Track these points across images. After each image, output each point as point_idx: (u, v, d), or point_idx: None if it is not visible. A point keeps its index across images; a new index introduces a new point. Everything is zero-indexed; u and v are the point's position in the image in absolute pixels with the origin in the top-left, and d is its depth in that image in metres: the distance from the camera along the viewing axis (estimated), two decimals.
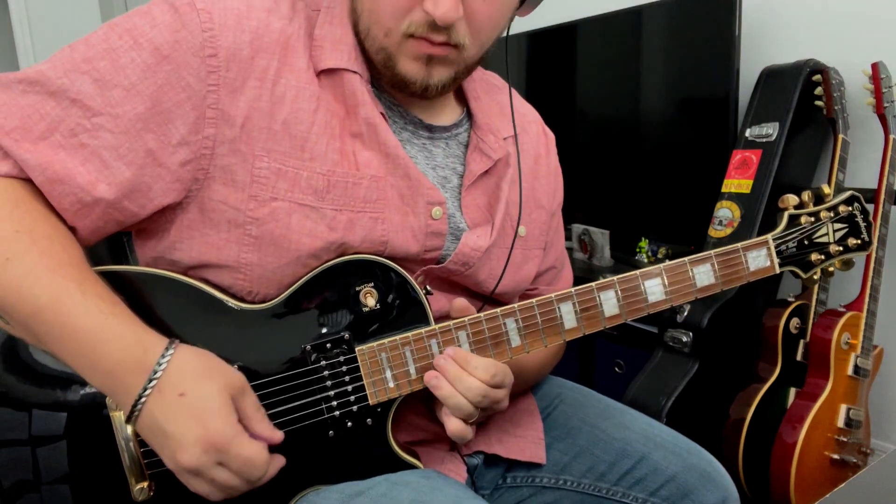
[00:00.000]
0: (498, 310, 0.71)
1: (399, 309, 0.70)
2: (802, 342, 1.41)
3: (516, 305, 0.72)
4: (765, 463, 1.36)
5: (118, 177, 0.64)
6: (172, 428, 0.58)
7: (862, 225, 0.82)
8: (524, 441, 0.85)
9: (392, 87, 0.74)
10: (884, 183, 1.40)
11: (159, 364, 0.59)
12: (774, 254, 0.78)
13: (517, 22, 0.83)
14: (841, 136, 1.44)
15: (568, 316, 0.72)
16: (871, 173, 1.51)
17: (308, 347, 0.68)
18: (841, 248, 0.80)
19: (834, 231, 0.80)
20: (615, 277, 0.73)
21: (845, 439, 1.37)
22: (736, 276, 0.76)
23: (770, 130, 1.51)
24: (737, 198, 1.50)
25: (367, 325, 0.70)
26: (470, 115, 0.82)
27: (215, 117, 0.65)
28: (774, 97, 1.53)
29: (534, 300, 0.72)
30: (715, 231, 1.52)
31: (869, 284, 1.40)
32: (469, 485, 0.81)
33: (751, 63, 1.63)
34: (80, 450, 0.65)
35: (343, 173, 0.69)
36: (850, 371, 1.37)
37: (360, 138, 0.71)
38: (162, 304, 0.66)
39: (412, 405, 0.75)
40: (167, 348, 0.60)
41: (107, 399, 0.64)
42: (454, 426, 0.69)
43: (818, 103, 1.49)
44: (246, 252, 0.67)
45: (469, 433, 0.70)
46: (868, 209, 0.83)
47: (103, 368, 0.59)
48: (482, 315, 0.71)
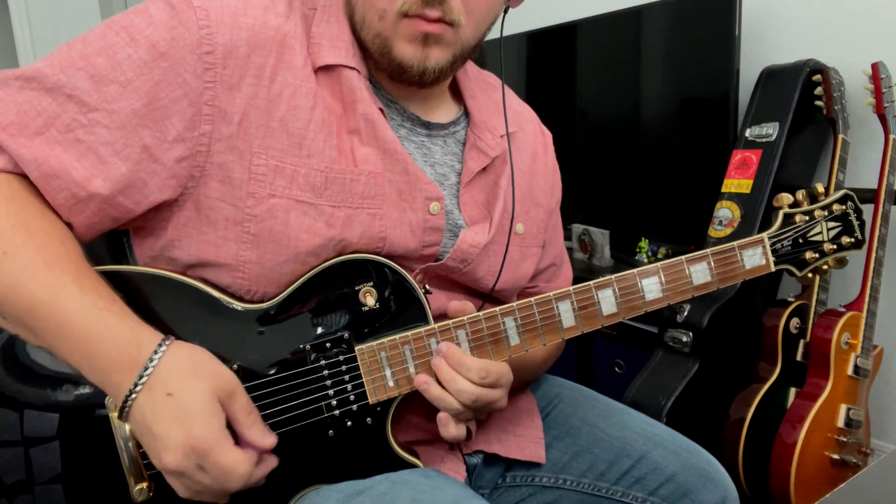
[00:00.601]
0: (497, 309, 0.71)
1: (398, 308, 0.70)
2: (802, 342, 1.41)
3: (515, 304, 0.72)
4: (765, 463, 1.36)
5: (113, 172, 0.64)
6: (158, 428, 0.58)
7: (855, 223, 0.83)
8: (524, 440, 0.85)
9: (390, 77, 0.74)
10: (884, 183, 1.40)
11: (150, 361, 0.59)
12: (770, 252, 0.78)
13: (517, 22, 0.84)
14: (841, 136, 1.44)
15: (566, 314, 0.72)
16: (871, 173, 1.51)
17: (307, 347, 0.68)
18: (835, 247, 0.81)
19: (828, 229, 0.81)
20: (613, 276, 0.73)
21: (845, 439, 1.37)
22: (732, 275, 0.77)
23: (770, 130, 1.51)
24: (737, 198, 1.50)
25: (367, 325, 0.70)
26: (467, 114, 0.83)
27: (212, 114, 0.65)
28: (774, 97, 1.53)
29: (532, 299, 0.72)
30: (715, 231, 1.52)
31: (869, 284, 1.40)
32: (468, 484, 0.81)
33: (751, 63, 1.63)
34: (74, 450, 0.65)
35: (341, 170, 0.69)
36: (850, 371, 1.37)
37: (358, 134, 0.71)
38: (161, 304, 0.66)
39: (412, 405, 0.75)
40: (160, 345, 0.60)
41: (107, 398, 0.64)
42: (450, 432, 0.69)
43: (818, 103, 1.49)
44: (244, 250, 0.67)
45: (462, 433, 0.70)
46: (861, 208, 0.84)
47: (99, 365, 0.59)
48: (481, 314, 0.71)
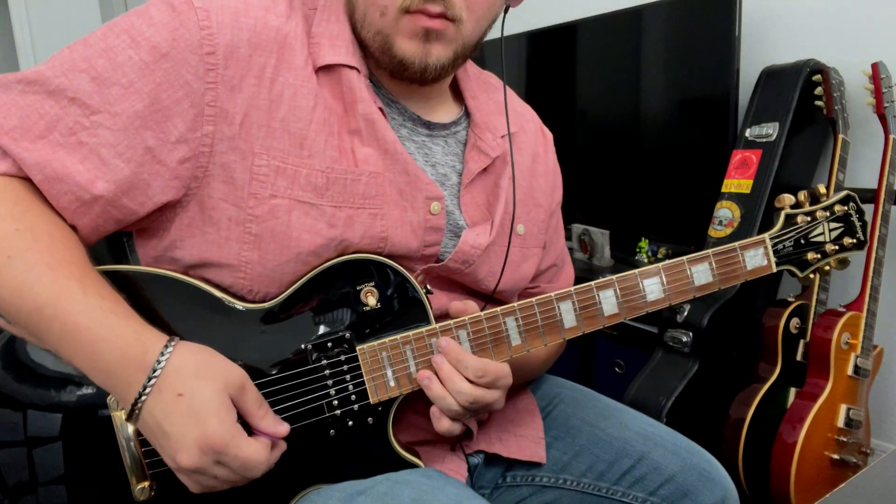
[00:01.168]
0: (498, 309, 0.71)
1: (400, 308, 0.71)
2: (802, 342, 1.41)
3: (516, 304, 0.72)
4: (765, 463, 1.36)
5: (117, 174, 0.64)
6: (171, 428, 0.58)
7: (857, 224, 0.83)
8: (524, 440, 0.85)
9: (391, 75, 0.74)
10: (884, 183, 1.40)
11: (158, 363, 0.59)
12: (771, 253, 0.78)
13: (517, 22, 0.84)
14: (841, 136, 1.44)
15: (567, 315, 0.73)
16: (871, 173, 1.51)
17: (309, 346, 0.68)
18: (837, 248, 0.81)
19: (830, 230, 0.81)
20: (614, 276, 0.73)
21: (845, 439, 1.37)
22: (734, 275, 0.77)
23: (770, 130, 1.51)
24: (737, 198, 1.50)
25: (368, 324, 0.70)
26: (468, 114, 0.83)
27: (214, 115, 0.65)
28: (774, 97, 1.53)
29: (533, 299, 0.72)
30: (715, 231, 1.52)
31: (869, 284, 1.40)
32: (469, 484, 0.81)
33: (751, 63, 1.63)
34: (77, 450, 0.65)
35: (342, 170, 0.69)
36: (850, 371, 1.37)
37: (359, 134, 0.71)
38: (163, 304, 0.66)
39: (413, 405, 0.75)
40: (166, 346, 0.60)
41: (108, 398, 0.64)
42: (442, 426, 0.70)
43: (818, 103, 1.49)
44: (246, 250, 0.67)
45: (456, 429, 0.70)
46: (863, 208, 0.84)
47: (104, 366, 0.59)
48: (482, 314, 0.71)
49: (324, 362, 0.68)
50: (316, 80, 0.70)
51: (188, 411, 0.58)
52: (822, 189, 0.82)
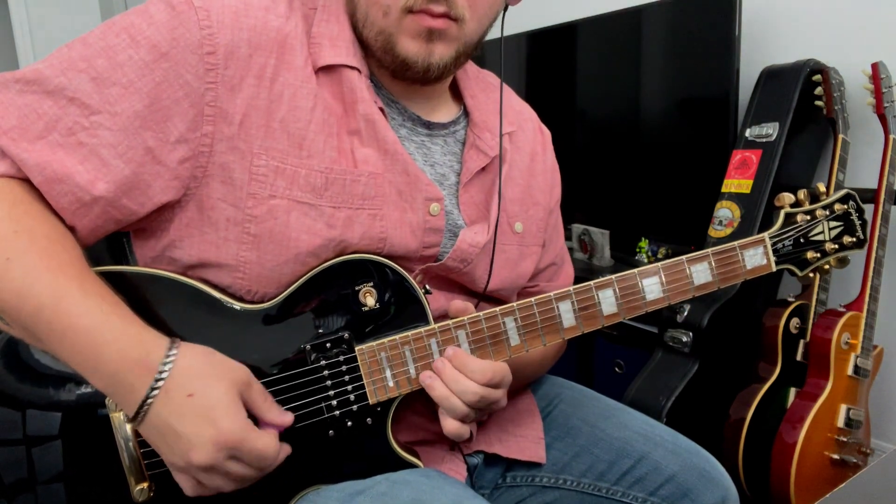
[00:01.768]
0: (497, 309, 0.71)
1: (398, 308, 0.70)
2: (802, 342, 1.41)
3: (515, 304, 0.72)
4: (765, 463, 1.36)
5: (117, 175, 0.64)
6: (184, 428, 0.58)
7: (857, 223, 0.82)
8: (524, 441, 0.85)
9: (392, 75, 0.74)
10: (884, 183, 1.40)
11: (164, 365, 0.59)
12: (771, 252, 0.78)
13: (517, 22, 0.84)
14: (841, 136, 1.44)
15: (566, 315, 0.72)
16: (871, 173, 1.51)
17: (307, 347, 0.68)
18: (836, 246, 0.81)
19: (829, 229, 0.81)
20: (613, 276, 0.73)
21: (845, 439, 1.37)
22: (733, 275, 0.77)
23: (770, 130, 1.51)
24: (737, 198, 1.50)
25: (367, 325, 0.70)
26: (467, 113, 0.83)
27: (213, 115, 0.65)
28: (774, 97, 1.53)
29: (532, 299, 0.72)
30: (715, 231, 1.52)
31: (869, 284, 1.40)
32: (469, 484, 0.81)
33: (751, 63, 1.63)
34: (76, 450, 0.65)
35: (341, 171, 0.69)
36: (850, 371, 1.37)
37: (359, 135, 0.71)
38: (161, 305, 0.66)
39: (412, 405, 0.75)
40: (170, 348, 0.60)
41: (106, 399, 0.64)
42: (451, 426, 0.69)
43: (818, 103, 1.49)
44: (245, 250, 0.67)
45: (466, 432, 0.70)
46: (863, 207, 0.84)
47: (105, 369, 0.59)
48: (481, 314, 0.71)
49: (322, 363, 0.68)
50: (315, 81, 0.70)
51: (200, 411, 0.58)
52: (822, 188, 0.82)
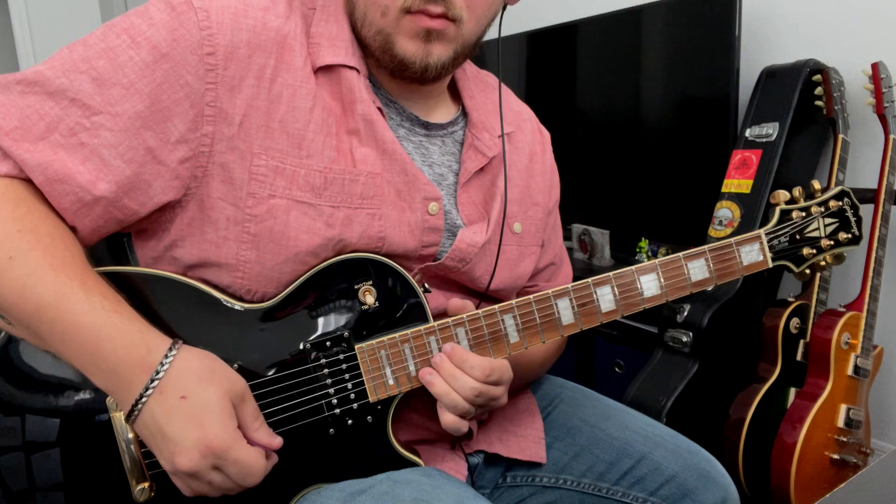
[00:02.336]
0: (496, 307, 0.71)
1: (398, 307, 0.71)
2: (802, 342, 1.41)
3: (514, 302, 0.72)
4: (765, 463, 1.36)
5: (118, 175, 0.64)
6: (172, 430, 0.58)
7: (852, 219, 0.83)
8: (525, 440, 0.85)
9: (391, 75, 0.74)
10: (884, 183, 1.40)
11: (162, 364, 0.59)
12: (767, 248, 0.79)
13: (517, 22, 0.84)
14: (841, 136, 1.44)
15: (565, 312, 0.73)
16: (871, 173, 1.51)
17: (308, 346, 0.68)
18: (832, 243, 0.82)
19: (825, 226, 0.82)
20: (611, 273, 0.73)
21: (845, 439, 1.37)
22: (730, 271, 0.77)
23: (770, 130, 1.51)
24: (737, 198, 1.50)
25: (367, 323, 0.70)
26: (465, 114, 0.83)
27: (213, 115, 0.65)
28: (774, 97, 1.53)
29: (531, 297, 0.72)
30: (715, 231, 1.52)
31: (869, 284, 1.40)
32: (469, 483, 0.81)
33: (751, 63, 1.63)
34: (75, 455, 0.65)
35: (340, 170, 0.69)
36: (850, 371, 1.37)
37: (357, 135, 0.71)
38: (162, 305, 0.66)
39: (413, 404, 0.75)
40: (171, 348, 0.60)
41: (108, 400, 0.64)
42: (449, 419, 0.69)
43: (818, 103, 1.49)
44: (244, 250, 0.67)
45: (463, 426, 0.70)
46: (858, 204, 0.84)
47: (106, 366, 0.59)
48: (480, 312, 0.71)
49: (323, 361, 0.68)
50: (315, 81, 0.70)
51: (191, 413, 0.58)
52: (817, 185, 0.83)
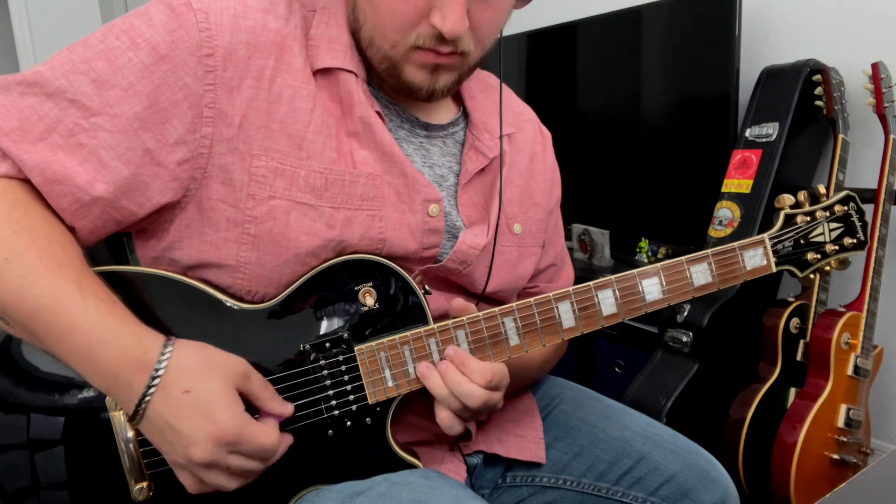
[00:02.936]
0: (496, 309, 0.71)
1: (398, 309, 0.70)
2: (802, 342, 1.41)
3: (514, 305, 0.72)
4: (765, 463, 1.36)
5: (116, 176, 0.64)
6: (181, 425, 0.58)
7: (858, 224, 0.82)
8: (524, 441, 0.85)
9: (396, 92, 0.75)
10: (884, 183, 1.40)
11: (160, 362, 0.59)
12: (771, 253, 0.78)
13: (517, 22, 0.84)
14: (841, 136, 1.44)
15: (566, 315, 0.72)
16: (871, 173, 1.51)
17: (307, 347, 0.68)
18: (837, 248, 0.81)
19: (830, 230, 0.81)
20: (613, 277, 0.73)
21: (845, 439, 1.37)
22: (733, 276, 0.77)
23: (770, 130, 1.51)
24: (737, 198, 1.50)
25: (366, 325, 0.70)
26: (466, 114, 0.83)
27: (213, 116, 0.65)
28: (774, 97, 1.53)
29: (532, 299, 0.72)
30: (715, 231, 1.52)
31: (869, 284, 1.40)
32: (468, 484, 0.81)
33: (751, 63, 1.63)
34: (78, 453, 0.65)
35: (340, 171, 0.69)
36: (850, 371, 1.37)
37: (357, 137, 0.71)
38: (161, 305, 0.66)
39: (412, 406, 0.75)
40: (165, 345, 0.60)
41: (106, 399, 0.64)
42: (444, 416, 0.69)
43: (818, 103, 1.49)
44: (245, 251, 0.67)
45: (458, 425, 0.70)
46: (864, 209, 0.84)
47: (103, 368, 0.59)
48: (480, 314, 0.71)
49: (322, 362, 0.68)
50: (314, 83, 0.70)
51: (197, 406, 0.59)
52: (822, 189, 0.82)
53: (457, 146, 0.81)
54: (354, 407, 0.69)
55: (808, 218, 0.80)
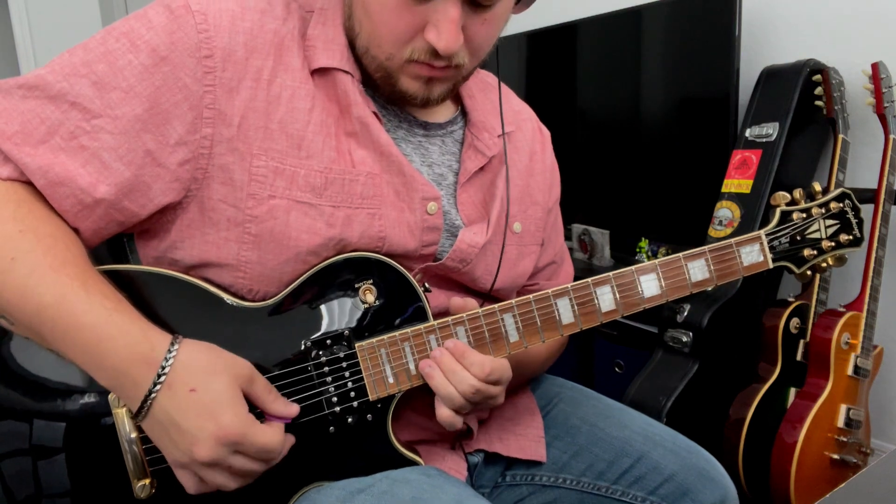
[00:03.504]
0: (496, 306, 0.71)
1: (398, 306, 0.71)
2: (802, 342, 1.41)
3: (514, 301, 0.72)
4: (765, 463, 1.36)
5: (118, 177, 0.64)
6: (186, 423, 0.59)
7: (853, 221, 0.83)
8: (524, 439, 0.85)
9: (391, 100, 0.75)
10: (884, 183, 1.40)
11: (166, 360, 0.59)
12: (767, 249, 0.79)
13: (517, 22, 0.84)
14: (841, 136, 1.44)
15: (565, 311, 0.73)
16: (871, 173, 1.51)
17: (308, 344, 0.68)
18: (833, 244, 0.82)
19: (826, 227, 0.82)
20: (611, 273, 0.74)
21: (845, 439, 1.37)
22: (730, 271, 0.77)
23: (770, 130, 1.51)
24: (737, 198, 1.50)
25: (367, 322, 0.70)
26: (465, 113, 0.83)
27: (212, 117, 0.66)
28: (774, 97, 1.54)
29: (531, 296, 0.72)
30: (715, 231, 1.52)
31: (869, 284, 1.40)
32: (468, 483, 0.81)
33: (751, 63, 1.63)
34: (80, 457, 0.65)
35: (340, 170, 0.69)
36: (850, 371, 1.37)
37: (355, 136, 0.72)
38: (163, 303, 0.67)
39: (413, 404, 0.75)
40: (172, 343, 0.60)
41: (110, 396, 0.64)
42: (444, 413, 0.69)
43: (818, 103, 1.49)
44: (246, 250, 0.67)
45: (458, 422, 0.70)
46: (859, 206, 0.84)
47: (109, 365, 0.59)
48: (480, 311, 0.71)
49: (323, 359, 0.68)
50: (312, 83, 0.70)
51: (202, 406, 0.59)
52: (818, 187, 0.83)
53: (456, 145, 0.82)
54: (356, 403, 0.69)
55: (804, 215, 0.81)
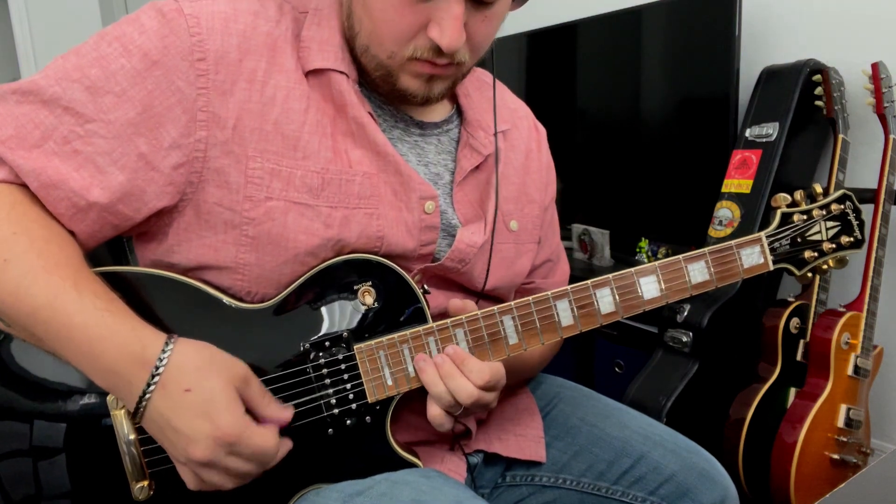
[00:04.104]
0: (495, 308, 0.71)
1: (397, 307, 0.71)
2: (802, 342, 1.41)
3: (513, 304, 0.72)
4: (765, 463, 1.36)
5: (111, 181, 0.64)
6: (181, 424, 0.58)
7: (854, 223, 0.83)
8: (524, 440, 0.85)
9: (390, 99, 0.75)
10: (884, 183, 1.40)
11: (160, 360, 0.59)
12: (768, 251, 0.78)
13: (517, 22, 0.84)
14: (841, 136, 1.44)
15: (564, 314, 0.73)
16: (871, 173, 1.51)
17: (307, 346, 0.68)
18: (834, 246, 0.81)
19: (827, 229, 0.81)
20: (611, 275, 0.73)
21: (845, 439, 1.37)
22: (730, 274, 0.77)
23: (770, 130, 1.51)
24: (737, 198, 1.50)
25: (366, 324, 0.70)
26: (460, 112, 0.83)
27: (206, 120, 0.66)
28: (774, 97, 1.53)
29: (530, 298, 0.72)
30: (715, 231, 1.52)
31: (869, 284, 1.39)
32: (469, 484, 0.81)
33: (751, 63, 1.63)
34: (80, 458, 0.65)
35: (337, 171, 0.69)
36: (850, 371, 1.37)
37: (351, 137, 0.72)
38: (161, 304, 0.67)
39: (412, 405, 0.75)
40: (166, 343, 0.60)
41: (108, 398, 0.64)
42: (435, 412, 0.69)
43: (818, 103, 1.49)
44: (243, 252, 0.67)
45: (449, 422, 0.70)
46: (860, 207, 0.84)
47: (103, 365, 0.59)
48: (479, 313, 0.71)
49: (322, 361, 0.68)
50: (307, 84, 0.70)
51: (198, 406, 0.59)
52: (819, 188, 0.82)
53: (452, 144, 0.82)
54: (354, 405, 0.69)
55: (805, 216, 0.81)
